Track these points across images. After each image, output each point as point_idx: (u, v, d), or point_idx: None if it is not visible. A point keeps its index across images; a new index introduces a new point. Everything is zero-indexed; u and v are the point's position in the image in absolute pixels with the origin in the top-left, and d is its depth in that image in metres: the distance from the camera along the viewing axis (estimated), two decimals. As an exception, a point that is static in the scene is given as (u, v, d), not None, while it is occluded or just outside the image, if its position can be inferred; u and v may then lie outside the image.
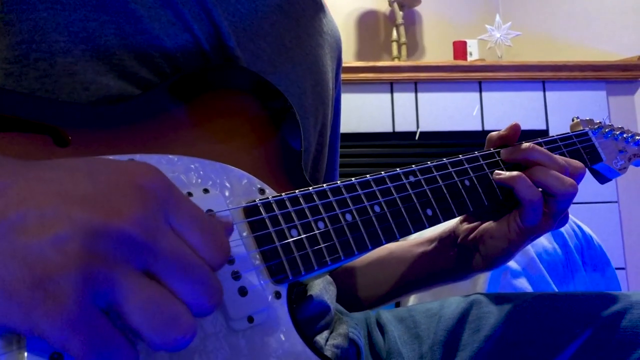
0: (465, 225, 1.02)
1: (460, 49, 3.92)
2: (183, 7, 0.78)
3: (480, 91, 3.63)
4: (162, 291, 0.47)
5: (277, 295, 0.65)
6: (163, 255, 0.47)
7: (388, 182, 0.80)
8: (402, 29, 3.98)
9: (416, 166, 0.85)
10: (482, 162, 0.93)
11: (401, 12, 4.01)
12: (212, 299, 0.49)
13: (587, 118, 1.16)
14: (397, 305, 1.79)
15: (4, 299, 0.41)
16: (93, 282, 0.43)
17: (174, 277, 0.47)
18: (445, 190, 0.86)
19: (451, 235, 1.05)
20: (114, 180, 0.49)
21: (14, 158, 0.50)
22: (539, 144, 1.00)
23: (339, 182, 0.75)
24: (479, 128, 3.58)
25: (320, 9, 1.06)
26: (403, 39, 3.97)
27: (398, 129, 3.55)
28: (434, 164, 0.87)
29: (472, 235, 0.99)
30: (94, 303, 0.43)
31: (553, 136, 1.04)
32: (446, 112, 3.59)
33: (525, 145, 0.95)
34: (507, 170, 0.93)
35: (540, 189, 0.90)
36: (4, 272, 0.42)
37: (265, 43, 0.90)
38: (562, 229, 1.69)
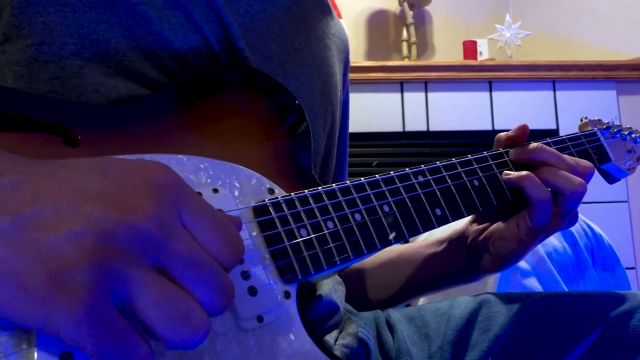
0: (475, 227, 1.02)
1: (470, 48, 3.91)
2: (193, 9, 0.79)
3: (491, 91, 3.62)
4: (175, 287, 0.47)
5: (287, 294, 0.66)
6: (177, 253, 0.48)
7: (397, 182, 0.80)
8: (412, 28, 3.98)
9: (425, 166, 0.85)
10: (491, 162, 0.93)
11: (411, 12, 4.01)
12: (224, 297, 0.49)
13: (596, 118, 1.16)
14: (407, 305, 1.79)
15: (20, 294, 0.42)
16: (108, 277, 0.44)
17: (187, 275, 0.48)
18: (454, 190, 0.86)
19: (461, 237, 1.05)
20: (127, 178, 0.49)
21: (26, 157, 0.51)
22: (548, 144, 1.00)
23: (348, 182, 0.75)
24: (489, 127, 3.58)
25: (327, 11, 1.07)
26: (413, 39, 3.96)
27: (408, 128, 3.55)
28: (443, 164, 0.87)
29: (481, 237, 0.99)
30: (109, 298, 0.44)
31: (562, 136, 1.04)
32: (456, 111, 3.59)
33: (534, 145, 0.95)
34: (516, 170, 0.93)
35: (549, 189, 0.90)
36: (20, 267, 0.42)
37: (274, 44, 0.90)
38: (572, 229, 1.68)
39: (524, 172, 0.91)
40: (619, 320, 0.88)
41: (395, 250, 1.16)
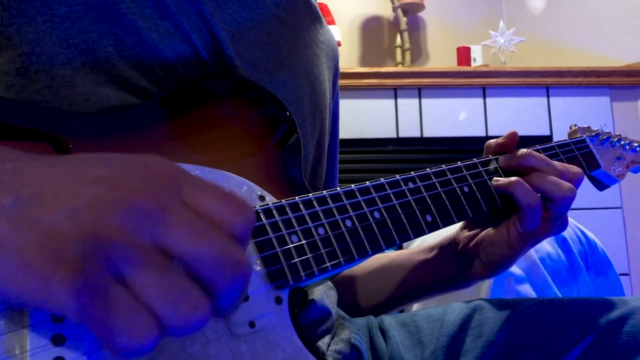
0: (466, 233, 1.02)
1: (464, 54, 3.92)
2: (181, 18, 0.79)
3: (484, 97, 3.63)
4: (173, 266, 0.46)
5: (278, 300, 0.66)
6: (175, 226, 0.47)
7: (387, 188, 0.81)
8: (406, 34, 3.99)
9: (415, 173, 0.85)
10: (480, 168, 0.94)
11: (405, 18, 4.02)
12: (234, 268, 0.47)
13: (585, 125, 1.17)
14: (401, 311, 1.79)
15: (20, 268, 0.42)
16: (107, 252, 0.43)
17: (187, 247, 0.46)
18: (444, 197, 0.86)
19: (451, 243, 1.05)
20: (127, 165, 0.50)
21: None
22: (537, 150, 1.00)
23: (338, 188, 0.76)
24: (483, 134, 3.58)
25: (316, 18, 1.07)
26: (407, 45, 3.97)
27: (402, 134, 3.55)
28: (432, 170, 0.88)
29: (472, 243, 1.00)
30: (106, 271, 0.44)
31: (551, 143, 1.05)
32: (450, 117, 3.59)
33: (523, 151, 0.96)
34: (506, 177, 0.93)
35: (539, 194, 0.91)
36: (20, 241, 0.42)
37: (262, 52, 0.90)
38: (566, 235, 1.68)
39: (513, 178, 0.92)
40: (612, 327, 0.88)
41: (386, 257, 1.16)
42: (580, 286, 1.64)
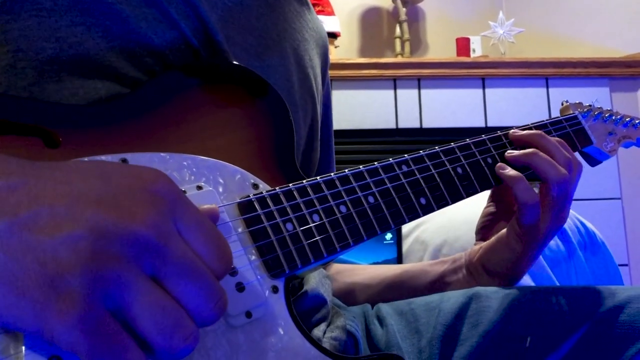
0: (475, 247, 1.03)
1: (463, 45, 3.92)
2: (168, 5, 0.78)
3: (484, 88, 3.63)
4: (168, 297, 0.47)
5: (275, 289, 0.66)
6: (173, 260, 0.48)
7: (381, 172, 0.81)
8: (405, 25, 3.98)
9: (409, 155, 0.86)
10: (474, 149, 0.95)
11: (404, 9, 4.01)
12: (217, 305, 0.50)
13: (577, 101, 1.17)
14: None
15: (16, 297, 0.42)
16: (103, 283, 0.44)
17: (180, 282, 0.48)
18: (438, 179, 0.87)
19: (464, 256, 1.07)
20: (125, 184, 0.50)
21: (21, 159, 0.50)
22: (529, 128, 1.01)
23: (332, 174, 0.76)
24: (482, 124, 3.58)
25: (304, 4, 1.07)
26: (406, 36, 3.97)
27: (401, 125, 3.55)
28: (426, 152, 0.88)
29: (477, 255, 1.00)
30: (103, 303, 0.44)
31: (543, 120, 1.06)
32: (449, 108, 3.59)
33: (536, 131, 0.98)
34: (499, 157, 0.96)
35: (536, 190, 0.92)
36: (16, 270, 0.42)
37: (251, 36, 0.90)
38: (565, 226, 1.68)
39: (516, 173, 0.93)
40: (608, 316, 0.88)
41: (399, 267, 1.18)
42: (579, 276, 1.65)
